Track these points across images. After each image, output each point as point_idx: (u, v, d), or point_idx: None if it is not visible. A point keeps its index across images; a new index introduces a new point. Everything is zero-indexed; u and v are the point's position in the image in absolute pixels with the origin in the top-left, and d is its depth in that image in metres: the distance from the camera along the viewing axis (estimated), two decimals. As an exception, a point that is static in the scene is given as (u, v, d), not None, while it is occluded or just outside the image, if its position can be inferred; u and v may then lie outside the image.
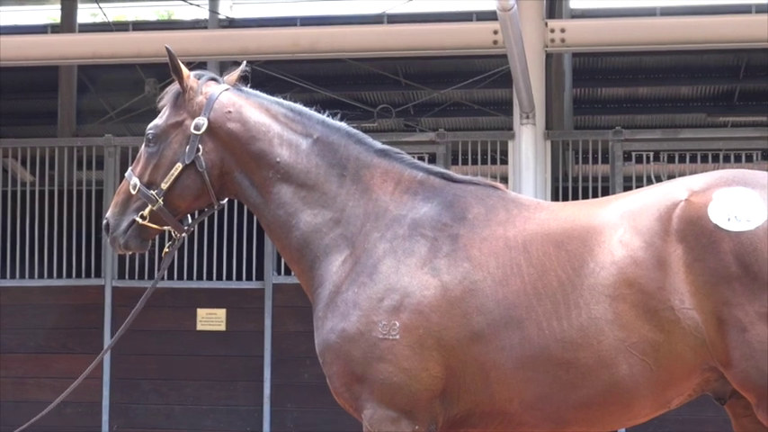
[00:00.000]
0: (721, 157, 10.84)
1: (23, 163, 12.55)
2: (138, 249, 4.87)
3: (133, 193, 4.78)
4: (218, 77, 4.96)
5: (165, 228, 4.84)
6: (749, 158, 10.87)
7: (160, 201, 4.73)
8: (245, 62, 5.12)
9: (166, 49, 4.78)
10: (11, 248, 11.81)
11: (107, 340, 11.50)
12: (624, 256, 4.17)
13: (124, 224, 4.79)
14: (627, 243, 4.19)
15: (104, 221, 4.89)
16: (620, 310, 4.13)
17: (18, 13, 17.50)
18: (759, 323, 3.98)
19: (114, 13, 16.80)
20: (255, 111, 4.80)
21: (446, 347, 4.26)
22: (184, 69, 4.84)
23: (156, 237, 4.98)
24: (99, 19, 16.20)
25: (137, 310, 5.28)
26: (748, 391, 4.07)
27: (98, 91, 14.95)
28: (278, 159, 4.71)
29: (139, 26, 16.27)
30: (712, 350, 4.07)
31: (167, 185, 4.73)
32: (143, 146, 4.87)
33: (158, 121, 4.84)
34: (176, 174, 4.73)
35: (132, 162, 5.02)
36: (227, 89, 4.86)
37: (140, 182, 4.77)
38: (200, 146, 4.72)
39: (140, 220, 4.76)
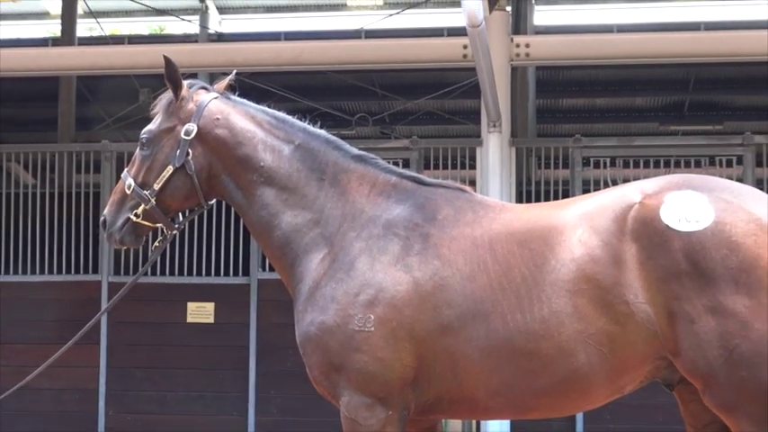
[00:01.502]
0: (672, 162, 10.88)
1: (25, 167, 12.48)
2: (132, 245, 4.85)
3: (128, 192, 4.77)
4: (208, 86, 4.94)
5: (158, 225, 4.82)
6: (698, 164, 10.92)
7: (152, 200, 4.71)
8: (234, 72, 5.12)
9: (165, 58, 4.76)
10: (13, 246, 11.76)
11: (103, 332, 11.48)
12: (583, 254, 4.17)
13: (120, 221, 4.78)
14: (585, 242, 4.19)
15: (102, 218, 4.88)
16: (579, 303, 4.13)
17: (21, 27, 17.47)
18: (706, 316, 3.98)
19: (110, 28, 16.77)
20: (242, 118, 4.78)
21: (418, 339, 4.25)
22: (181, 78, 4.82)
23: (150, 233, 4.97)
24: (96, 33, 16.21)
25: (119, 296, 5.26)
26: (695, 378, 4.07)
27: (95, 100, 14.91)
28: (262, 164, 4.69)
29: (134, 40, 16.25)
30: (663, 341, 4.08)
31: (159, 186, 4.71)
32: (137, 149, 4.85)
33: (152, 126, 4.83)
34: (167, 176, 4.71)
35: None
36: (216, 97, 4.84)
37: (135, 182, 4.76)
38: (189, 150, 4.69)
39: (134, 218, 4.74)
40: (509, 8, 10.97)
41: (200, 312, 11.41)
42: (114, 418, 11.48)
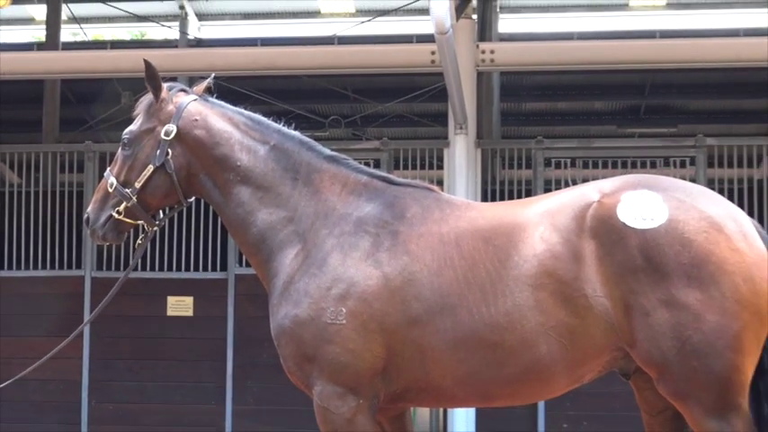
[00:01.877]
0: (629, 163, 10.94)
1: (11, 166, 12.42)
2: (114, 241, 4.81)
3: (110, 191, 4.73)
4: (187, 89, 4.92)
5: (139, 222, 4.79)
6: (653, 165, 10.99)
7: (134, 198, 4.68)
8: (212, 76, 5.10)
9: (145, 61, 4.73)
10: (-1, 243, 11.72)
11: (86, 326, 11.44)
12: (544, 250, 4.18)
13: (102, 218, 4.74)
14: (547, 239, 4.20)
15: (85, 216, 4.84)
16: (541, 297, 4.14)
17: (6, 32, 17.32)
18: (660, 309, 4.01)
19: (93, 33, 16.69)
20: (219, 119, 4.75)
21: (387, 331, 4.25)
22: (161, 81, 4.79)
23: (131, 230, 4.94)
24: (80, 38, 16.12)
25: (110, 296, 5.23)
26: (650, 368, 4.10)
27: (79, 102, 14.84)
28: (238, 163, 4.66)
29: (116, 45, 16.22)
30: (620, 332, 4.09)
31: (140, 185, 4.68)
32: (119, 149, 4.81)
33: (133, 127, 4.79)
34: (148, 174, 4.68)
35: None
36: (195, 99, 4.80)
37: (117, 181, 4.72)
38: (169, 150, 4.66)
39: (116, 215, 4.71)
40: (475, 16, 10.97)
41: (180, 306, 11.39)
42: (97, 407, 11.43)
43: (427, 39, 10.05)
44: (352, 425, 4.27)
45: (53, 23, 14.13)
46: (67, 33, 15.38)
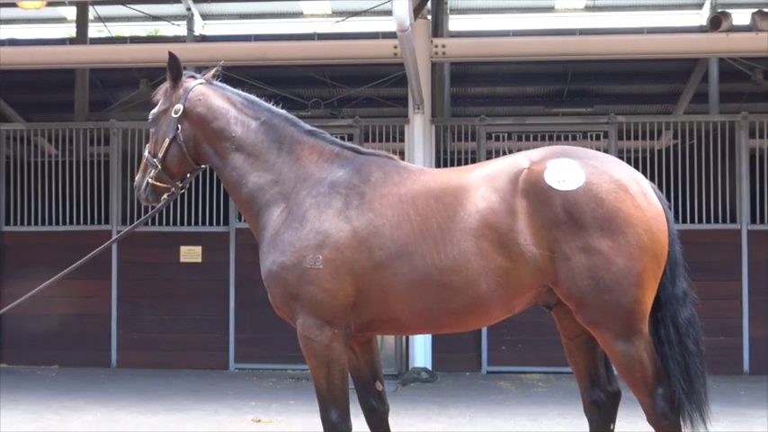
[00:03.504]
0: (554, 137, 10.97)
1: (49, 140, 12.30)
2: (154, 202, 4.78)
3: (145, 162, 4.74)
4: (195, 75, 4.85)
5: (169, 185, 4.73)
6: (574, 138, 11.03)
7: (159, 166, 4.67)
8: (221, 63, 5.05)
9: (170, 53, 4.70)
10: (41, 203, 11.63)
11: (114, 270, 11.42)
12: (485, 207, 4.16)
13: (144, 184, 4.73)
14: (487, 198, 4.18)
15: (135, 183, 4.82)
16: (482, 245, 4.12)
17: (43, 29, 17.12)
18: (578, 254, 4.02)
19: (115, 30, 16.44)
20: (218, 99, 4.69)
21: (356, 274, 4.23)
22: (181, 70, 4.75)
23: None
24: (104, 34, 15.88)
25: (133, 227, 5.18)
26: (570, 301, 4.11)
27: (104, 87, 14.62)
28: (233, 134, 4.62)
29: (134, 40, 15.94)
30: (545, 274, 4.10)
31: (162, 155, 4.67)
32: (150, 128, 4.81)
33: (155, 109, 4.77)
34: (166, 146, 4.66)
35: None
36: (200, 83, 4.75)
37: (149, 154, 4.73)
38: (179, 125, 4.63)
39: (151, 181, 4.70)
40: (429, 17, 10.90)
41: (191, 254, 11.39)
42: (123, 337, 11.46)
43: (390, 35, 9.97)
44: (328, 350, 4.27)
45: (82, 22, 13.93)
46: (94, 30, 15.11)
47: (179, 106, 4.64)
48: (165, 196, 4.77)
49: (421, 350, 10.46)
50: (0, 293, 11.38)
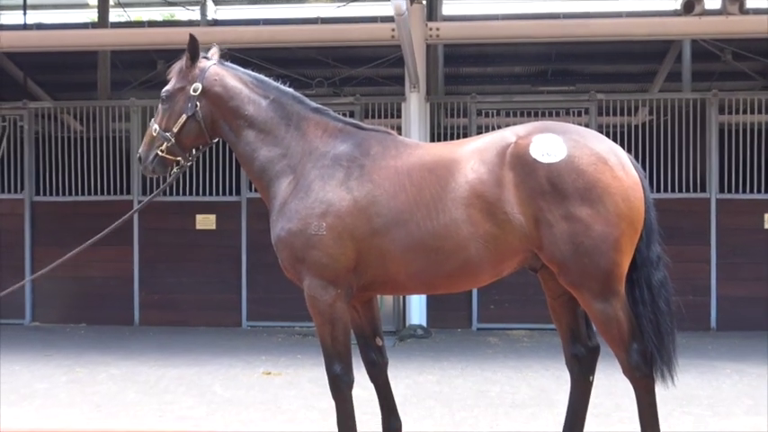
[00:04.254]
0: (539, 113, 10.90)
1: (75, 117, 12.22)
2: (160, 173, 4.73)
3: (155, 135, 4.65)
4: (207, 56, 4.79)
5: (178, 158, 4.69)
6: (557, 114, 10.96)
7: (173, 140, 4.61)
8: (220, 47, 4.97)
9: (191, 35, 4.63)
10: (67, 175, 11.60)
11: (135, 237, 11.40)
12: (474, 178, 4.15)
13: (151, 156, 4.67)
14: (476, 170, 4.17)
15: (138, 155, 4.75)
16: (472, 213, 4.12)
17: (67, 14, 16.98)
18: (561, 222, 4.02)
19: (134, 15, 16.32)
20: (232, 79, 4.66)
21: (356, 240, 4.23)
22: (199, 51, 4.69)
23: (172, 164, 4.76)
24: (124, 19, 15.76)
25: (153, 197, 5.17)
26: (553, 265, 4.12)
27: (124, 68, 14.51)
28: (246, 112, 4.59)
29: (152, 24, 15.83)
30: (531, 239, 4.10)
31: (177, 129, 4.61)
32: (159, 104, 4.72)
33: (168, 86, 4.69)
34: (182, 122, 4.60)
35: (149, 118, 4.87)
36: (214, 64, 4.71)
37: (160, 128, 4.65)
38: (197, 103, 4.59)
39: (161, 154, 4.64)
40: (424, 2, 10.77)
41: (206, 221, 11.36)
42: (145, 297, 11.46)
43: (388, 19, 9.89)
44: (332, 308, 4.29)
45: (103, 7, 13.79)
46: (114, 15, 14.97)
47: (198, 85, 4.59)
48: (175, 168, 4.71)
49: (417, 309, 10.49)
50: (32, 258, 11.43)
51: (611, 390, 6.78)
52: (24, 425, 6.01)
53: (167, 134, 4.61)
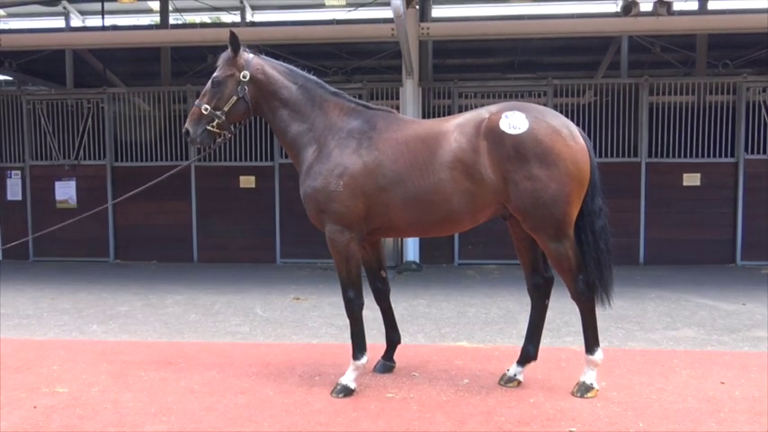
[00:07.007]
0: (508, 95, 10.81)
1: (144, 100, 12.14)
2: (206, 144, 4.58)
3: (204, 113, 4.51)
4: (247, 50, 4.70)
5: (224, 131, 4.56)
6: (522, 96, 10.87)
7: (223, 117, 4.51)
8: (258, 43, 4.93)
9: (231, 32, 4.52)
10: (139, 146, 11.58)
11: (193, 194, 11.41)
12: (456, 147, 4.14)
13: (199, 131, 4.53)
14: (458, 140, 4.16)
15: (185, 130, 4.61)
16: (454, 174, 4.12)
17: (135, 19, 16.73)
18: (524, 181, 4.01)
19: (188, 18, 16.10)
20: (270, 69, 4.59)
21: (366, 195, 4.24)
22: (240, 44, 4.59)
23: (216, 137, 4.63)
24: (180, 21, 15.54)
25: (197, 157, 5.12)
26: (518, 214, 4.12)
27: (182, 60, 14.35)
28: (281, 95, 4.53)
29: (203, 25, 15.60)
30: (501, 194, 4.10)
31: (227, 109, 4.51)
32: (209, 86, 4.56)
33: (218, 73, 4.57)
34: (233, 102, 4.50)
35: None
36: (255, 56, 4.64)
37: (210, 107, 4.51)
38: (246, 87, 4.52)
39: (210, 128, 4.51)
40: (418, 6, 10.60)
41: (247, 182, 11.36)
42: (201, 240, 11.51)
43: (389, 21, 9.75)
44: (347, 248, 4.31)
45: (164, 12, 13.59)
46: (172, 18, 14.77)
47: (246, 72, 4.51)
48: (219, 139, 4.58)
49: (412, 248, 10.56)
50: (115, 212, 11.47)
51: (562, 310, 6.87)
52: (110, 338, 6.11)
53: (218, 112, 4.52)
